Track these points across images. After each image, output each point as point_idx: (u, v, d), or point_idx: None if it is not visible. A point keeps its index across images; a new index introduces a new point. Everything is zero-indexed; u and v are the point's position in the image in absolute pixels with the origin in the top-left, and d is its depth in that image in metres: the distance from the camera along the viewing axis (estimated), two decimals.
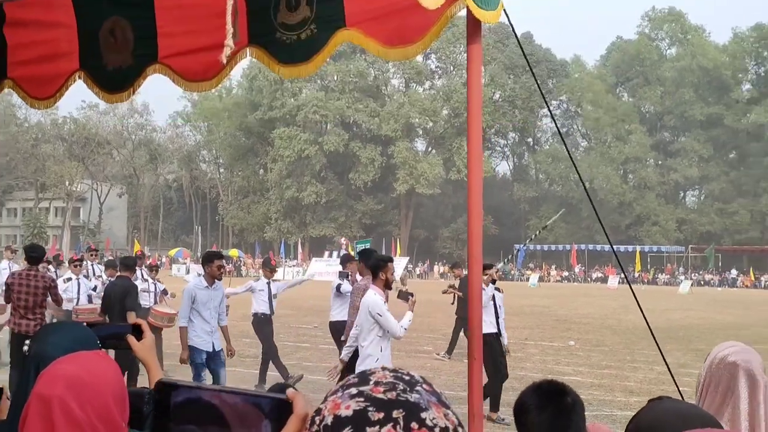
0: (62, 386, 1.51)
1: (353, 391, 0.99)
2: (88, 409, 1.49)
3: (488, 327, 8.97)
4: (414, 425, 0.94)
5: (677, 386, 3.68)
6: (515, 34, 3.49)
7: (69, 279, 12.98)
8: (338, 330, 9.80)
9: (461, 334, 13.52)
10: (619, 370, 12.67)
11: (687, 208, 74.13)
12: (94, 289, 13.18)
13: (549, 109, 4.03)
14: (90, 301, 12.84)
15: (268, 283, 11.63)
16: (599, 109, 71.42)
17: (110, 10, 3.75)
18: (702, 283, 59.26)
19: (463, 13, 3.02)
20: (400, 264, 33.68)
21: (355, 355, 7.94)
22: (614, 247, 6.24)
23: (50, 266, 14.27)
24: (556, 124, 5.82)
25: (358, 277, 9.40)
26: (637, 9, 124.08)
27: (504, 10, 3.09)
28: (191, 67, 3.70)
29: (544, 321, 18.13)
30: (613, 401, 10.21)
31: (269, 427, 1.08)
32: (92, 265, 15.32)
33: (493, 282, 9.65)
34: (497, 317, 9.68)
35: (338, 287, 10.49)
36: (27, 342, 2.00)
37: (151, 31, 3.69)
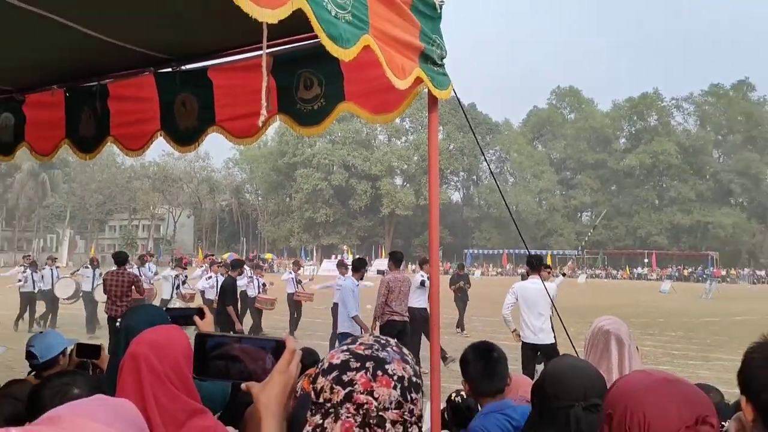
0: (146, 347, 1.53)
1: (344, 347, 1.03)
2: (165, 363, 1.51)
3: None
4: (379, 372, 0.98)
5: (574, 348, 3.71)
6: (462, 106, 3.53)
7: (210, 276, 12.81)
8: (420, 315, 9.05)
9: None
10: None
11: (582, 224, 74.36)
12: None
13: (485, 158, 4.06)
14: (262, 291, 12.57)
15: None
16: (522, 156, 71.81)
17: (182, 88, 3.76)
18: (594, 276, 59.42)
19: (426, 90, 3.06)
20: (383, 264, 33.50)
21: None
22: (530, 251, 6.33)
23: (135, 265, 14.18)
24: (490, 169, 5.87)
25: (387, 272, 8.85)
26: (548, 86, 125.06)
27: (453, 90, 3.12)
28: (238, 128, 3.71)
29: (483, 304, 17.97)
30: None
31: (271, 359, 1.09)
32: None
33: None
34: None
35: (422, 282, 9.79)
36: (119, 320, 2.04)
37: (210, 103, 3.71)
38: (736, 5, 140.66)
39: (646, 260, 63.03)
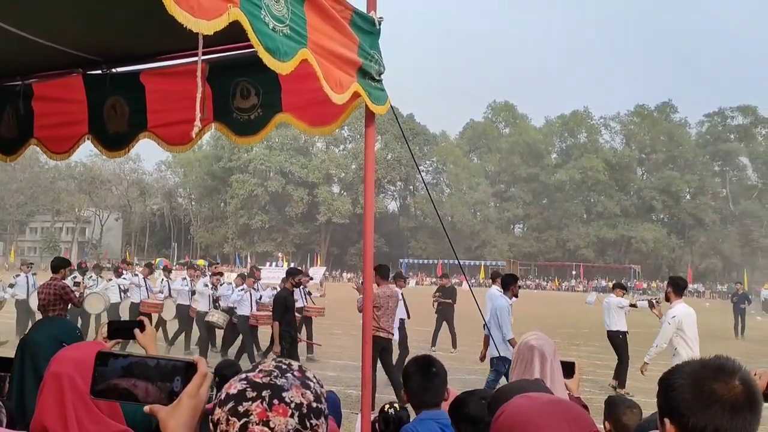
0: (70, 365, 1.47)
1: (242, 375, 1.01)
2: (90, 383, 1.46)
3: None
4: (276, 401, 0.96)
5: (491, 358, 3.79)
6: (398, 121, 3.58)
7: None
8: None
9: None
10: (471, 347, 12.71)
11: (515, 236, 76.34)
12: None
13: (419, 170, 4.14)
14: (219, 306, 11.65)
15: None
16: (458, 168, 72.98)
17: (113, 92, 3.64)
18: (524, 287, 61.06)
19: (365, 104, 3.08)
20: (319, 272, 33.26)
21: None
22: (466, 261, 6.45)
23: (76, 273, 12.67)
24: (423, 180, 5.95)
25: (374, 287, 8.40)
26: (484, 100, 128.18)
27: (390, 105, 3.17)
28: (171, 135, 3.63)
29: (420, 311, 18.11)
30: (463, 368, 10.34)
31: (180, 381, 1.06)
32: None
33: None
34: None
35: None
36: None
37: (142, 107, 3.61)
38: (667, 24, 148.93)
39: (574, 272, 65.38)
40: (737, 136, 74.05)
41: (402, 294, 9.52)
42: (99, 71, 3.60)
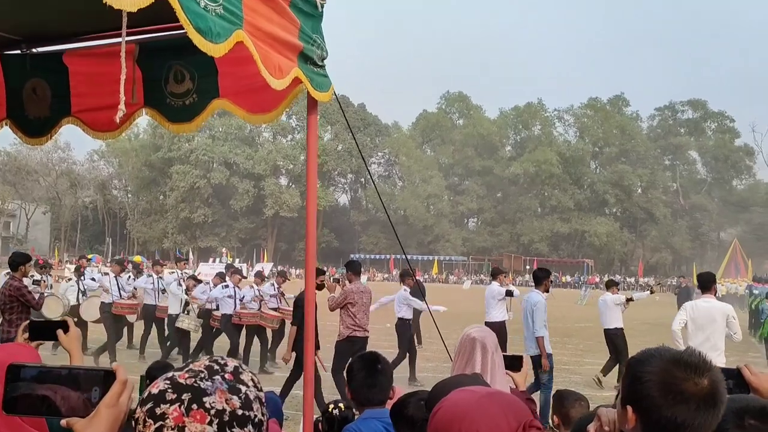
0: None
1: (169, 374, 0.99)
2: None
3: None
4: (194, 406, 0.93)
5: (450, 356, 3.84)
6: (341, 106, 3.56)
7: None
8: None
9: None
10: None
11: (469, 230, 77.42)
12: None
13: (365, 162, 4.12)
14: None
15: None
16: (411, 160, 73.36)
17: (33, 73, 3.49)
18: (478, 282, 61.99)
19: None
20: (266, 267, 33.00)
21: None
22: (419, 256, 6.47)
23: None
24: (369, 173, 5.95)
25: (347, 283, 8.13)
26: (437, 90, 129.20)
27: (334, 92, 3.14)
28: (98, 120, 3.51)
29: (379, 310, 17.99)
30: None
31: (98, 391, 1.04)
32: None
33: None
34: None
35: (510, 293, 9.88)
36: None
37: (65, 91, 3.47)
38: (620, 14, 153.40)
39: (528, 267, 66.82)
40: (687, 130, 77.09)
41: (407, 290, 9.69)
42: (18, 51, 3.45)
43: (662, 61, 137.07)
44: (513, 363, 2.54)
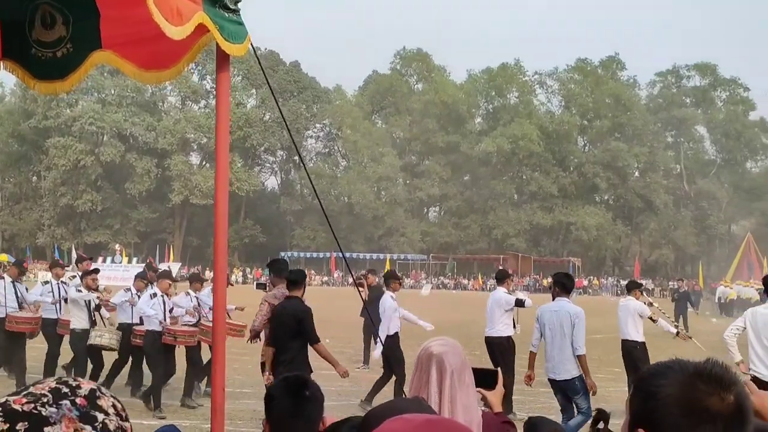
0: None
1: (7, 396, 0.97)
2: None
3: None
4: None
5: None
6: (259, 61, 3.54)
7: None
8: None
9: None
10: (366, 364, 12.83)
11: (430, 222, 77.90)
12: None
13: (290, 134, 4.10)
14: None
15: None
16: (357, 133, 73.07)
17: None
18: (441, 286, 62.53)
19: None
20: (173, 268, 32.55)
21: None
22: (367, 254, 6.48)
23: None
24: (298, 151, 5.94)
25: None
26: (390, 47, 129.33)
27: (251, 44, 3.11)
28: None
29: (331, 316, 18.00)
30: (359, 391, 10.45)
31: None
32: None
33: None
34: None
35: (521, 302, 9.97)
36: None
37: None
38: None
39: (501, 267, 67.70)
40: (693, 100, 79.16)
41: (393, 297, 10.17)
42: None
43: (664, 15, 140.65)
44: (485, 379, 2.57)
